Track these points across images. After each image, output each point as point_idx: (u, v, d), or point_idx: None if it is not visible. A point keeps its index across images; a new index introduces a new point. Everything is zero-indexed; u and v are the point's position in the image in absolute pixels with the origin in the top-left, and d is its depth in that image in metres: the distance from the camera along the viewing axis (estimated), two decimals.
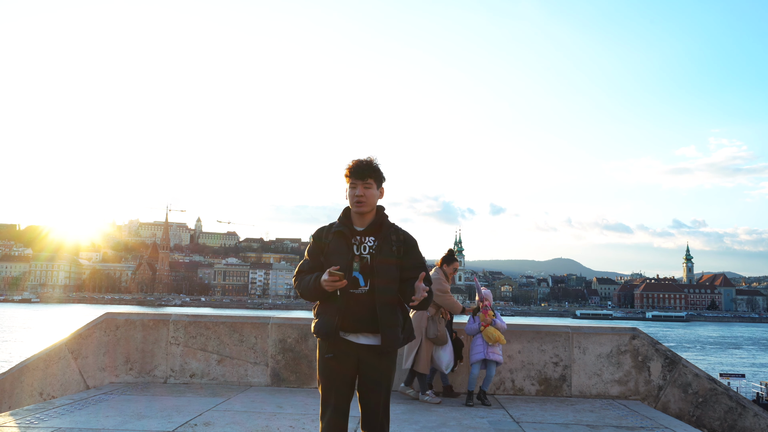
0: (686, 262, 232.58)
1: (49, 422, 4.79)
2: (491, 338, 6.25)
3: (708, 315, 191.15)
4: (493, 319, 6.42)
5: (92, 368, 6.72)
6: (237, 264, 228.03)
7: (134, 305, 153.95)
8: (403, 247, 3.04)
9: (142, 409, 5.43)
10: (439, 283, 6.37)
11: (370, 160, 3.05)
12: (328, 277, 2.81)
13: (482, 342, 6.29)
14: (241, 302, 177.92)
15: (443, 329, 6.33)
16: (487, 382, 6.29)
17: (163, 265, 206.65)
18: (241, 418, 5.19)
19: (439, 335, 6.25)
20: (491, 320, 6.39)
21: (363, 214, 3.05)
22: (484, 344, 6.28)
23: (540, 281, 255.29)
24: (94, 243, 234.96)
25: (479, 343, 6.31)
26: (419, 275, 2.93)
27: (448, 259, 6.68)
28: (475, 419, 5.47)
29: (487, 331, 6.28)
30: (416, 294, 2.86)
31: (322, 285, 2.87)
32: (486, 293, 6.64)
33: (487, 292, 6.67)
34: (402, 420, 5.29)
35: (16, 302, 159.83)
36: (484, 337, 6.27)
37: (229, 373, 6.77)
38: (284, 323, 6.87)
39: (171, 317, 6.94)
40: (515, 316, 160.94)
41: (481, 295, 6.57)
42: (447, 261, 6.66)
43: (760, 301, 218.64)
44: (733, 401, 6.38)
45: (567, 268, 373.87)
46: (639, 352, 6.65)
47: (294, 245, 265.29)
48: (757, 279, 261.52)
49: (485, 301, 6.53)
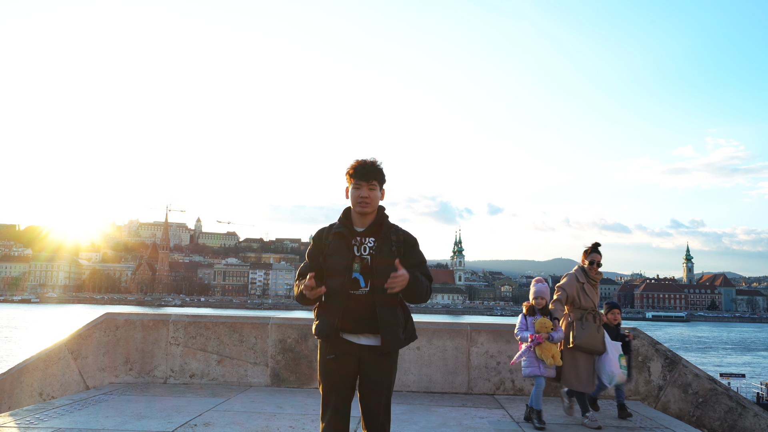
0: (686, 262, 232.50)
1: (49, 422, 4.79)
2: (546, 357, 5.26)
3: (708, 315, 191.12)
4: (550, 332, 5.28)
5: (92, 368, 6.71)
6: (237, 264, 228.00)
7: (134, 305, 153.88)
8: (403, 246, 3.03)
9: (141, 409, 5.42)
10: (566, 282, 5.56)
11: (375, 161, 3.04)
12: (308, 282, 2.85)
13: (536, 355, 5.31)
14: (241, 302, 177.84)
15: (593, 334, 5.38)
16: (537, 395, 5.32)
17: (162, 266, 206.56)
18: (241, 418, 5.19)
19: (584, 342, 5.33)
20: (548, 333, 5.28)
21: (365, 215, 3.04)
22: (538, 358, 5.33)
23: None
24: (93, 243, 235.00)
25: (533, 356, 5.32)
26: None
27: (587, 252, 5.68)
28: (475, 419, 5.46)
29: (543, 349, 5.25)
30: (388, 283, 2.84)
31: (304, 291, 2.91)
32: (540, 289, 5.47)
33: (541, 288, 5.48)
34: (402, 420, 5.28)
35: (15, 302, 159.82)
36: (537, 353, 5.27)
37: (229, 373, 6.77)
38: (284, 323, 6.87)
39: (171, 317, 6.94)
40: (515, 316, 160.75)
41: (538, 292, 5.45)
42: (586, 254, 5.68)
43: (760, 302, 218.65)
44: (733, 401, 6.37)
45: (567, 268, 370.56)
46: (639, 352, 6.64)
47: (294, 245, 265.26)
48: (757, 279, 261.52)
49: (538, 298, 5.43)
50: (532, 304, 5.42)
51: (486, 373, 6.77)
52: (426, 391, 6.70)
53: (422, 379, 6.74)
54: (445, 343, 6.80)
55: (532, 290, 5.46)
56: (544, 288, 5.44)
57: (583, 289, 5.54)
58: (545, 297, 5.40)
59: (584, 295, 5.54)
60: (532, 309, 5.41)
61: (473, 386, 6.74)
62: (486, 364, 6.78)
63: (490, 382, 6.75)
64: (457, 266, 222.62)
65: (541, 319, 5.30)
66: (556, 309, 5.42)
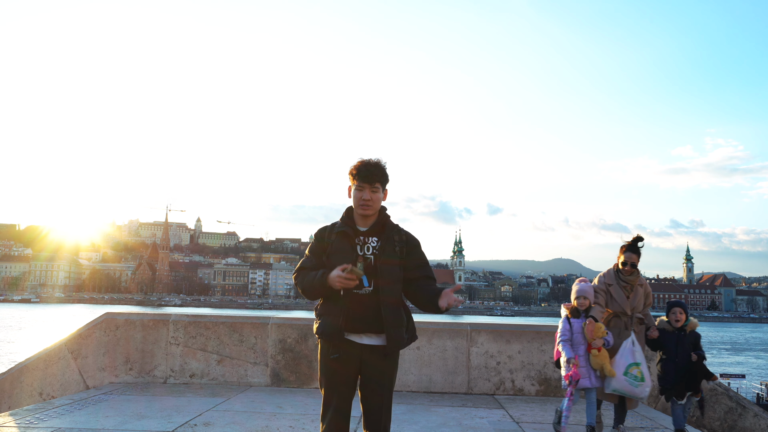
0: (686, 263, 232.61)
1: (49, 422, 4.78)
2: (598, 366, 4.70)
3: (708, 315, 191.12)
4: (604, 336, 4.73)
5: (92, 368, 6.71)
6: (237, 264, 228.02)
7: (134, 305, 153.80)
8: (406, 247, 3.03)
9: (142, 409, 5.42)
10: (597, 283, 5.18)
11: (378, 162, 3.01)
12: (343, 274, 2.78)
13: (587, 363, 4.72)
14: (241, 302, 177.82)
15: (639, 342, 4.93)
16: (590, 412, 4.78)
17: (162, 265, 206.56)
18: (241, 418, 5.19)
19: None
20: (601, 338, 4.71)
21: (368, 216, 3.03)
22: (589, 367, 4.73)
23: (540, 281, 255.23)
24: (94, 243, 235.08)
25: (583, 365, 4.70)
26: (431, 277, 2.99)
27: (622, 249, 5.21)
28: (475, 419, 5.46)
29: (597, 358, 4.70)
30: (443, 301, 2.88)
31: (329, 282, 2.84)
32: (583, 288, 4.89)
33: (584, 287, 4.90)
34: (402, 420, 5.28)
35: (16, 302, 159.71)
36: (591, 362, 4.71)
37: (229, 373, 6.76)
38: (284, 323, 6.86)
39: (171, 317, 6.94)
40: (515, 316, 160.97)
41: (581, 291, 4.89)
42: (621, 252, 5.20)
43: (760, 302, 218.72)
44: (733, 401, 6.37)
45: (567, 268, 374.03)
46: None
47: (294, 245, 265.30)
48: (757, 279, 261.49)
49: (581, 298, 4.86)
50: (574, 306, 4.87)
51: (486, 373, 6.77)
52: (426, 391, 6.70)
53: (422, 379, 6.74)
54: (445, 343, 6.80)
55: (575, 289, 4.93)
56: (587, 287, 4.91)
57: (609, 291, 5.11)
58: (588, 297, 4.86)
59: (611, 297, 5.09)
60: (575, 311, 4.85)
61: (473, 386, 6.74)
62: (486, 364, 6.78)
63: (490, 382, 6.75)
64: (457, 266, 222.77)
65: (598, 324, 4.74)
66: (595, 311, 4.97)
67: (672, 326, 5.10)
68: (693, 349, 5.02)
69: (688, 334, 5.07)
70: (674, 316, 5.10)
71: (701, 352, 5.03)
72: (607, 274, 5.20)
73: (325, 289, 2.89)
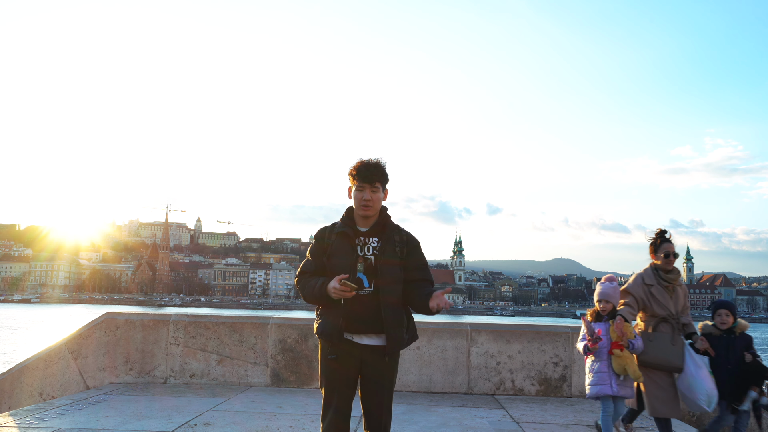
0: (686, 263, 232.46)
1: (49, 422, 4.78)
2: (621, 369, 4.30)
3: (708, 316, 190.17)
4: (630, 339, 4.32)
5: (92, 368, 6.71)
6: (237, 264, 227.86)
7: (134, 305, 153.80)
8: (406, 248, 3.03)
9: (142, 409, 5.42)
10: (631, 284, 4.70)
11: (378, 162, 3.02)
12: (339, 285, 2.79)
13: (608, 369, 4.33)
14: (241, 302, 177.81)
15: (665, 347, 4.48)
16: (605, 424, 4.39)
17: (162, 266, 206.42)
18: (241, 418, 5.19)
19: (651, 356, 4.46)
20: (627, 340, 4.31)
21: (368, 217, 3.03)
22: (611, 372, 4.32)
23: (540, 281, 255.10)
24: (94, 243, 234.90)
25: (604, 370, 4.32)
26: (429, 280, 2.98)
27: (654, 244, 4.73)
28: (475, 419, 5.46)
29: (620, 359, 4.29)
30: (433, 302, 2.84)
31: (328, 292, 2.85)
32: (605, 291, 4.44)
33: (606, 289, 4.45)
34: (402, 420, 5.28)
35: (16, 302, 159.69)
36: (614, 365, 4.31)
37: (229, 373, 6.76)
38: (284, 323, 6.87)
39: (171, 317, 6.94)
40: (515, 316, 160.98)
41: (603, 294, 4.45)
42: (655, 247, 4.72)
43: (760, 302, 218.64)
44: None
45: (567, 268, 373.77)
46: None
47: (294, 245, 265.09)
48: (757, 279, 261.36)
49: (603, 302, 4.43)
50: (597, 309, 4.48)
51: (486, 373, 6.77)
52: (426, 391, 6.70)
53: (422, 379, 6.74)
54: (445, 343, 6.81)
55: (597, 291, 4.50)
56: (610, 290, 4.46)
57: (651, 293, 4.63)
58: (611, 300, 4.43)
59: (654, 300, 4.62)
60: (598, 315, 4.46)
61: (473, 386, 6.74)
62: (486, 364, 6.78)
63: (490, 382, 6.75)
64: (457, 266, 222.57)
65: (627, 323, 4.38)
66: (624, 311, 4.53)
67: (718, 329, 4.70)
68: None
69: (739, 336, 4.65)
70: (720, 318, 4.69)
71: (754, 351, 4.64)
72: (647, 275, 4.70)
73: (325, 299, 2.91)
